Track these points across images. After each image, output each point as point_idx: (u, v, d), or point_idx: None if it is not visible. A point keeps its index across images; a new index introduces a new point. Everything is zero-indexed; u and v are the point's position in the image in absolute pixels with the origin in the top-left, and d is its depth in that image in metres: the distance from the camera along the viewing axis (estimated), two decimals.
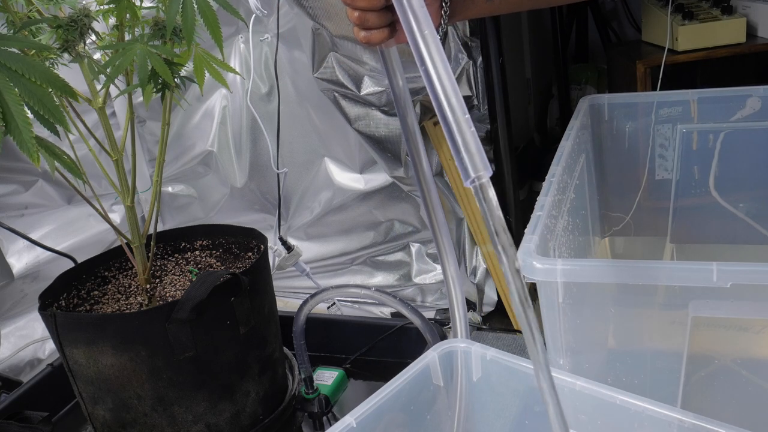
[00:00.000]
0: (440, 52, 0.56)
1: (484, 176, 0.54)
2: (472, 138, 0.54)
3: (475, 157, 0.54)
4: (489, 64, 1.36)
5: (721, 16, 1.58)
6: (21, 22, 0.93)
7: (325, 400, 1.32)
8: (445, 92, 0.55)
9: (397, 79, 0.78)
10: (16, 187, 1.59)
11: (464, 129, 0.54)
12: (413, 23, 0.56)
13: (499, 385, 0.83)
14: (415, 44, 0.56)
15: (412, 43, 0.56)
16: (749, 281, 0.79)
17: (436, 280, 1.66)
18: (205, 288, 1.04)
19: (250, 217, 1.78)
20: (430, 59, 0.56)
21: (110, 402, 1.08)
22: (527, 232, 0.93)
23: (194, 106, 1.70)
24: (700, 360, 0.96)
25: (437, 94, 0.55)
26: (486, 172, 0.54)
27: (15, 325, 1.59)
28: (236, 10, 0.98)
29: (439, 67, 0.56)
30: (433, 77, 0.55)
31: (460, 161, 0.54)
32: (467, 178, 0.54)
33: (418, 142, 0.82)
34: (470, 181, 0.54)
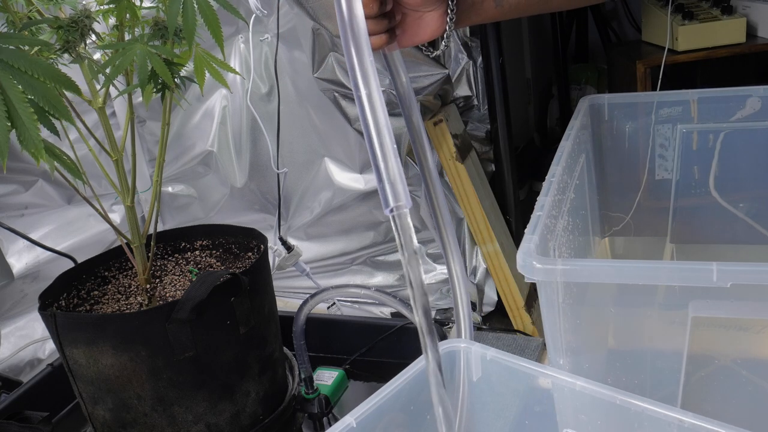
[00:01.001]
0: (375, 79, 0.57)
1: (403, 206, 0.55)
2: (396, 167, 0.55)
3: (398, 187, 0.55)
4: (489, 64, 1.36)
5: (721, 16, 1.59)
6: (21, 23, 0.93)
7: (325, 400, 1.32)
8: (376, 121, 0.56)
9: (401, 78, 0.78)
10: (16, 187, 1.59)
11: (389, 158, 0.55)
12: (353, 50, 0.57)
13: (499, 385, 0.83)
14: (352, 71, 0.57)
15: (349, 69, 0.57)
16: (749, 281, 0.79)
17: (436, 280, 1.65)
18: (205, 288, 1.04)
19: (250, 217, 1.78)
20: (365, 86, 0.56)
21: (110, 402, 1.08)
22: (527, 232, 0.93)
23: (194, 106, 1.70)
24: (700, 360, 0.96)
25: (367, 123, 0.56)
26: (407, 203, 0.55)
27: (15, 325, 1.59)
28: (236, 9, 0.98)
29: (374, 95, 0.57)
30: (365, 104, 0.56)
31: (381, 190, 0.56)
32: (386, 206, 0.56)
33: (424, 142, 0.82)
34: (389, 210, 0.55)
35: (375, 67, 0.57)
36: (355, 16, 0.58)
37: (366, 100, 0.56)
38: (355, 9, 0.58)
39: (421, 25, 0.71)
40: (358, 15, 0.58)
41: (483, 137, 1.49)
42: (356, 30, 0.58)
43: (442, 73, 1.30)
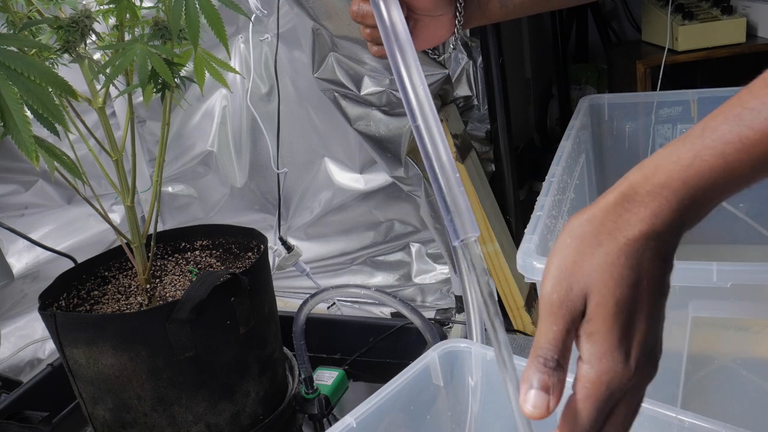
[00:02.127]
0: (433, 110, 0.56)
1: (472, 237, 0.55)
2: (461, 197, 0.55)
3: (465, 218, 0.55)
4: (489, 64, 1.36)
5: (721, 16, 1.58)
6: (21, 23, 0.93)
7: (325, 400, 1.32)
8: (436, 150, 0.55)
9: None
10: (16, 187, 1.60)
11: (454, 188, 0.55)
12: (406, 80, 0.57)
13: (499, 385, 0.83)
14: (407, 101, 0.57)
15: (404, 100, 0.57)
16: (749, 281, 0.79)
17: (436, 280, 1.66)
18: (205, 288, 1.04)
19: (250, 217, 1.78)
20: (422, 117, 0.56)
21: (110, 402, 1.08)
22: (527, 232, 0.93)
23: (194, 106, 1.70)
24: (700, 360, 0.96)
25: (428, 154, 0.55)
26: (474, 233, 0.55)
27: (15, 325, 1.59)
28: (239, 7, 0.98)
29: (431, 124, 0.56)
30: (423, 134, 0.56)
31: (449, 222, 0.55)
32: (455, 239, 0.55)
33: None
34: (459, 241, 0.55)
35: (429, 92, 0.57)
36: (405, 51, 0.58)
37: (424, 131, 0.56)
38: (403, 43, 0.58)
39: (432, 30, 0.72)
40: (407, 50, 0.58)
41: (483, 137, 1.49)
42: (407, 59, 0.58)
43: (442, 73, 1.30)
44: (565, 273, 0.46)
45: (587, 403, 0.46)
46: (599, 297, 0.45)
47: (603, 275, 0.45)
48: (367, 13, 0.70)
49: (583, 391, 0.46)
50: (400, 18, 0.60)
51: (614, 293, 0.44)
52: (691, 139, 0.44)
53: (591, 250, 0.45)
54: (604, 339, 0.45)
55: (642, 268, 0.45)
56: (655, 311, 0.46)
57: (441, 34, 0.74)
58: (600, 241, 0.45)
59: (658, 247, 0.45)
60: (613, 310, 0.44)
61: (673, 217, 0.44)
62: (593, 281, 0.45)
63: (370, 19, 0.70)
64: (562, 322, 0.46)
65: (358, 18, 0.71)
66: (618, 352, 0.45)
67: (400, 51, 0.59)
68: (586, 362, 0.46)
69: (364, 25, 0.72)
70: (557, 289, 0.46)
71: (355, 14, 0.71)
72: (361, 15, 0.70)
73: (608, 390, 0.45)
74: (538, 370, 0.46)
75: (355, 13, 0.71)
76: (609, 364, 0.45)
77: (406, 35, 0.60)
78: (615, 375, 0.45)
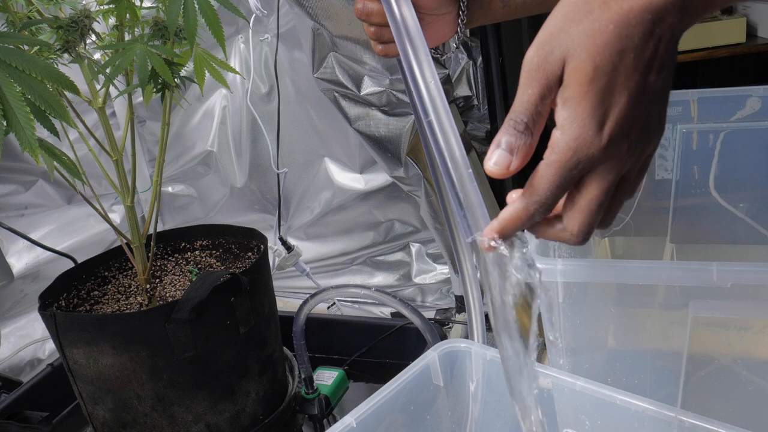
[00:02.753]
0: (445, 106, 0.56)
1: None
2: (474, 194, 0.54)
3: (477, 214, 0.54)
4: (489, 64, 1.36)
5: (721, 16, 1.59)
6: (21, 23, 0.93)
7: (325, 400, 1.32)
8: (449, 146, 0.55)
9: None
10: (16, 187, 1.60)
11: (467, 184, 0.54)
12: (418, 75, 0.57)
13: (499, 385, 0.83)
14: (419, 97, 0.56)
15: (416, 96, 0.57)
16: (749, 281, 0.79)
17: (436, 280, 1.66)
18: (205, 288, 1.04)
19: (250, 217, 1.78)
20: (434, 112, 0.56)
21: (110, 402, 1.08)
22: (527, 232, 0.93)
23: (194, 106, 1.70)
24: (700, 360, 0.96)
25: (440, 148, 0.55)
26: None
27: (15, 325, 1.59)
28: (237, 8, 0.98)
29: (443, 120, 0.56)
30: (436, 130, 0.55)
31: (462, 218, 0.54)
32: (467, 235, 0.54)
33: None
34: (470, 239, 0.54)
35: (441, 87, 0.57)
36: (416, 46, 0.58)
37: (437, 126, 0.55)
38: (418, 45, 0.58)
39: (435, 29, 0.72)
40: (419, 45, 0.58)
41: (483, 137, 1.49)
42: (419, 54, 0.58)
43: (442, 73, 1.30)
44: (549, 37, 0.45)
45: (551, 168, 0.45)
46: (578, 60, 0.44)
47: (586, 41, 0.43)
48: (373, 11, 0.69)
49: (550, 156, 0.45)
50: (411, 12, 0.59)
51: (593, 58, 0.43)
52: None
53: (580, 16, 0.44)
54: (578, 104, 0.44)
55: (631, 41, 0.43)
56: (639, 89, 0.44)
57: (444, 33, 0.74)
58: (591, 9, 0.44)
59: (653, 23, 0.43)
60: (591, 76, 0.43)
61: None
62: (574, 45, 0.44)
63: (375, 17, 0.70)
64: (537, 85, 0.45)
65: (363, 16, 0.70)
66: (590, 120, 0.44)
67: (411, 45, 0.58)
68: (558, 128, 0.45)
69: (369, 23, 0.71)
70: (538, 53, 0.45)
71: (360, 12, 0.70)
72: (366, 13, 0.70)
73: (574, 156, 0.45)
74: (506, 133, 0.46)
75: (360, 11, 0.70)
76: (579, 131, 0.44)
77: (418, 29, 0.59)
78: (583, 142, 0.44)
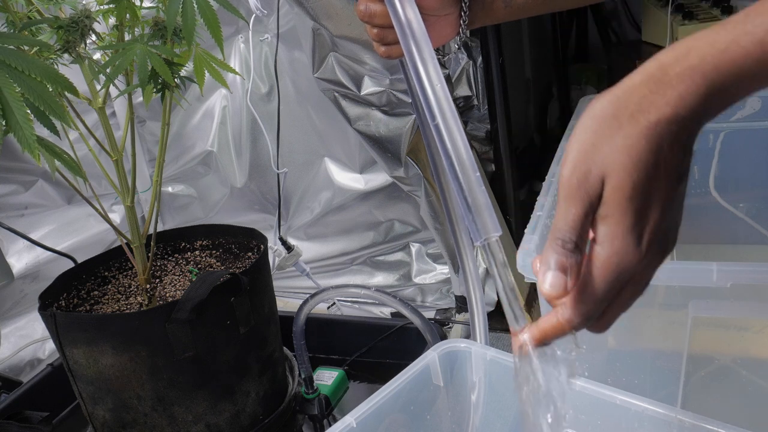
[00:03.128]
0: (452, 109, 0.56)
1: (493, 237, 0.54)
2: (482, 197, 0.54)
3: (486, 218, 0.54)
4: (489, 64, 1.36)
5: (721, 16, 1.58)
6: (21, 23, 0.93)
7: (325, 400, 1.32)
8: (456, 149, 0.55)
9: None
10: (16, 187, 1.59)
11: (475, 188, 0.54)
12: (424, 77, 0.57)
13: (499, 385, 0.83)
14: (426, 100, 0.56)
15: (422, 99, 0.57)
16: (749, 281, 0.79)
17: (436, 280, 1.65)
18: (205, 288, 1.04)
19: (250, 217, 1.78)
20: (441, 116, 0.56)
21: (110, 402, 1.08)
22: (527, 232, 0.93)
23: (194, 106, 1.70)
24: (700, 360, 0.96)
25: (447, 151, 0.55)
26: (495, 232, 0.54)
27: (15, 325, 1.59)
28: (237, 9, 0.98)
29: (450, 123, 0.55)
30: (443, 133, 0.55)
31: (470, 222, 0.54)
32: (477, 239, 0.54)
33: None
34: (480, 242, 0.54)
35: (447, 90, 0.56)
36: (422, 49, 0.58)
37: (444, 129, 0.55)
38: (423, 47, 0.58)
39: (437, 30, 0.72)
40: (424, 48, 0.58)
41: (483, 137, 1.49)
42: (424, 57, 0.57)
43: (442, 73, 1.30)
44: (584, 156, 0.45)
45: (597, 282, 0.46)
46: (616, 180, 0.44)
47: (621, 158, 0.44)
48: (376, 13, 0.69)
49: (594, 270, 0.46)
50: (415, 14, 0.59)
51: (631, 176, 0.44)
52: (732, 24, 0.43)
53: (611, 132, 0.45)
54: (618, 222, 0.45)
55: (662, 153, 0.44)
56: (670, 197, 0.46)
57: (446, 34, 0.74)
58: (621, 123, 0.44)
59: (679, 133, 0.44)
60: (630, 194, 0.44)
61: (699, 103, 0.43)
62: (611, 164, 0.44)
63: (378, 19, 0.69)
64: (580, 204, 0.46)
65: (366, 17, 0.70)
66: (631, 235, 0.45)
67: (417, 48, 0.58)
68: (599, 243, 0.46)
69: (372, 24, 0.71)
70: (576, 172, 0.46)
71: (363, 14, 0.70)
72: (368, 14, 0.69)
73: (618, 270, 0.46)
74: (555, 252, 0.46)
75: (362, 13, 0.70)
76: (621, 245, 0.45)
77: (423, 32, 0.59)
78: (625, 256, 0.45)
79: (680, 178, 0.46)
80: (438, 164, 0.84)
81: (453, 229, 0.87)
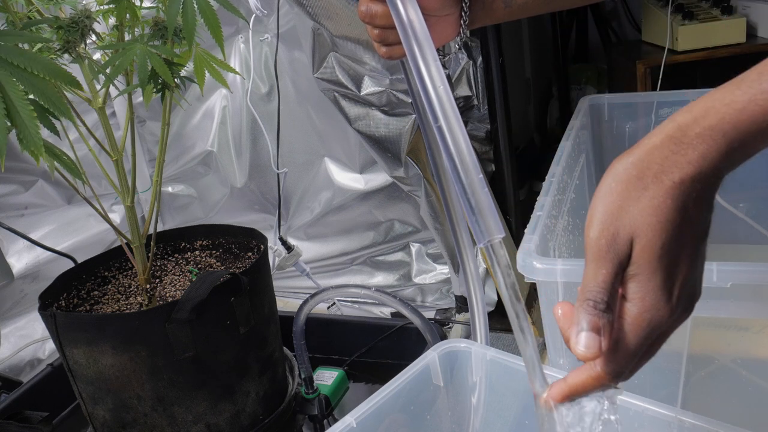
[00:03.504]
0: (455, 111, 0.56)
1: (496, 239, 0.55)
2: (485, 199, 0.54)
3: (489, 219, 0.54)
4: (489, 64, 1.36)
5: (721, 16, 1.58)
6: (21, 23, 0.93)
7: (325, 400, 1.32)
8: (459, 151, 0.55)
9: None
10: (16, 187, 1.59)
11: (478, 190, 0.54)
12: (427, 79, 0.57)
13: (499, 385, 0.83)
14: (428, 102, 0.56)
15: (425, 101, 0.56)
16: (749, 281, 0.79)
17: (436, 280, 1.65)
18: (205, 288, 1.04)
19: (250, 217, 1.78)
20: (444, 118, 0.56)
21: (110, 402, 1.08)
22: (527, 232, 0.93)
23: (194, 106, 1.70)
24: (700, 360, 0.96)
25: (450, 153, 0.55)
26: (499, 234, 0.54)
27: (15, 325, 1.59)
28: (237, 9, 0.98)
29: (453, 125, 0.55)
30: (446, 135, 0.55)
31: (473, 224, 0.54)
32: (480, 241, 0.55)
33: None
34: (483, 243, 0.54)
35: (450, 91, 0.56)
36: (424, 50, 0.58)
37: (447, 131, 0.55)
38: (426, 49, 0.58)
39: (438, 30, 0.72)
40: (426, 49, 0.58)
41: (483, 137, 1.49)
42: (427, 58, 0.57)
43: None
44: (611, 217, 0.46)
45: (630, 339, 0.47)
46: (645, 240, 0.45)
47: (649, 219, 0.45)
48: (377, 13, 0.69)
49: (626, 327, 0.47)
50: (417, 15, 0.59)
51: (660, 236, 0.45)
52: (747, 83, 0.44)
53: (637, 193, 0.46)
54: (649, 280, 0.46)
55: (687, 211, 0.45)
56: (697, 252, 0.47)
57: (447, 34, 0.74)
58: (645, 185, 0.45)
59: (703, 190, 0.45)
60: (659, 253, 0.45)
61: (721, 160, 0.45)
62: (639, 225, 0.45)
63: (379, 20, 0.69)
64: (610, 265, 0.46)
65: (367, 18, 0.70)
66: (661, 292, 0.46)
67: (419, 49, 0.58)
68: (629, 300, 0.47)
69: (374, 25, 0.71)
70: (604, 234, 0.46)
71: (364, 14, 0.70)
72: (370, 15, 0.69)
73: (650, 326, 0.47)
74: (588, 313, 0.47)
75: (363, 14, 0.70)
76: (652, 302, 0.46)
77: (425, 32, 0.58)
78: (657, 313, 0.46)
79: (705, 233, 0.47)
80: (438, 164, 0.84)
81: (453, 228, 0.87)
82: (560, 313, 0.50)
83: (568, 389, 0.51)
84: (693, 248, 0.47)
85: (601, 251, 0.46)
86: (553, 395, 0.52)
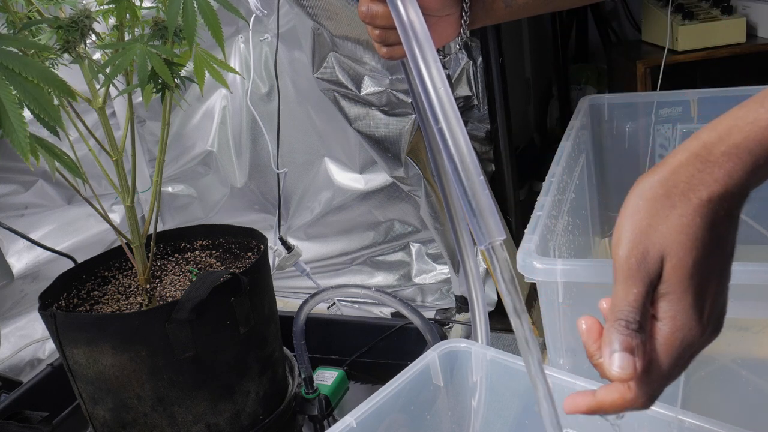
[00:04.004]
0: (455, 112, 0.56)
1: (497, 241, 0.55)
2: (486, 201, 0.54)
3: (490, 221, 0.54)
4: (489, 64, 1.36)
5: (721, 16, 1.58)
6: (21, 23, 0.93)
7: (325, 400, 1.32)
8: (460, 153, 0.55)
9: None
10: (16, 187, 1.59)
11: (479, 192, 0.54)
12: (427, 80, 0.57)
13: (499, 385, 0.83)
14: (429, 103, 0.56)
15: (426, 102, 0.56)
16: (749, 281, 0.79)
17: (436, 280, 1.65)
18: (205, 288, 1.04)
19: (250, 217, 1.78)
20: (445, 119, 0.56)
21: (110, 402, 1.08)
22: (527, 232, 0.93)
23: (194, 106, 1.70)
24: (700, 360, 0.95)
25: (451, 154, 0.55)
26: (500, 236, 0.55)
27: (15, 325, 1.59)
28: (237, 9, 0.98)
29: (454, 127, 0.55)
30: (447, 137, 0.55)
31: (474, 225, 0.54)
32: (481, 242, 0.55)
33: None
34: (484, 245, 0.55)
35: (450, 93, 0.56)
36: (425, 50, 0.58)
37: (448, 133, 0.55)
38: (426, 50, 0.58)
39: (438, 30, 0.72)
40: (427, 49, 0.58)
41: (483, 137, 1.49)
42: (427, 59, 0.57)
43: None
44: (640, 236, 0.46)
45: (662, 359, 0.47)
46: (676, 259, 0.45)
47: (679, 237, 0.45)
48: (377, 14, 0.69)
49: (658, 347, 0.47)
50: (418, 15, 0.59)
51: (691, 254, 0.45)
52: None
53: (665, 212, 0.46)
54: (680, 299, 0.46)
55: (715, 228, 0.45)
56: (725, 270, 0.47)
57: (447, 34, 0.74)
58: (673, 203, 0.45)
59: (730, 207, 0.45)
60: (691, 272, 0.45)
61: (747, 178, 0.45)
62: (669, 243, 0.45)
63: (379, 20, 0.69)
64: (641, 284, 0.46)
65: (367, 19, 0.70)
66: (693, 310, 0.46)
67: (420, 49, 0.58)
68: (660, 320, 0.47)
69: (374, 25, 0.71)
70: (634, 252, 0.46)
71: (365, 15, 0.70)
72: (370, 15, 0.69)
73: (682, 346, 0.47)
74: (620, 333, 0.46)
75: (364, 14, 0.70)
76: (684, 321, 0.46)
77: (425, 33, 0.58)
78: (689, 332, 0.46)
79: (732, 251, 0.47)
80: (438, 164, 0.84)
81: (454, 228, 0.87)
82: (584, 327, 0.50)
83: (597, 405, 0.50)
84: (722, 267, 0.46)
85: (632, 270, 0.46)
86: (579, 406, 0.51)
